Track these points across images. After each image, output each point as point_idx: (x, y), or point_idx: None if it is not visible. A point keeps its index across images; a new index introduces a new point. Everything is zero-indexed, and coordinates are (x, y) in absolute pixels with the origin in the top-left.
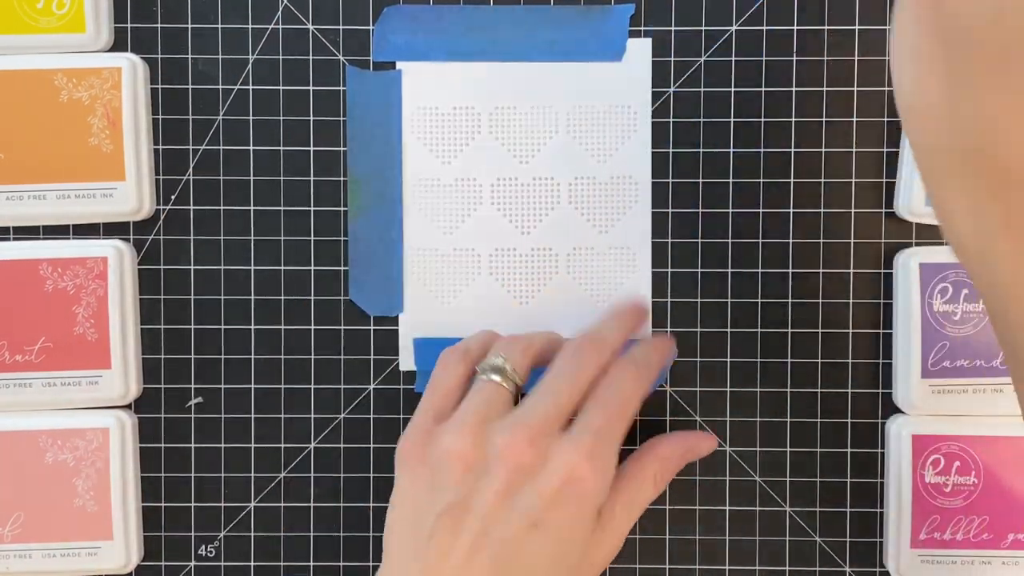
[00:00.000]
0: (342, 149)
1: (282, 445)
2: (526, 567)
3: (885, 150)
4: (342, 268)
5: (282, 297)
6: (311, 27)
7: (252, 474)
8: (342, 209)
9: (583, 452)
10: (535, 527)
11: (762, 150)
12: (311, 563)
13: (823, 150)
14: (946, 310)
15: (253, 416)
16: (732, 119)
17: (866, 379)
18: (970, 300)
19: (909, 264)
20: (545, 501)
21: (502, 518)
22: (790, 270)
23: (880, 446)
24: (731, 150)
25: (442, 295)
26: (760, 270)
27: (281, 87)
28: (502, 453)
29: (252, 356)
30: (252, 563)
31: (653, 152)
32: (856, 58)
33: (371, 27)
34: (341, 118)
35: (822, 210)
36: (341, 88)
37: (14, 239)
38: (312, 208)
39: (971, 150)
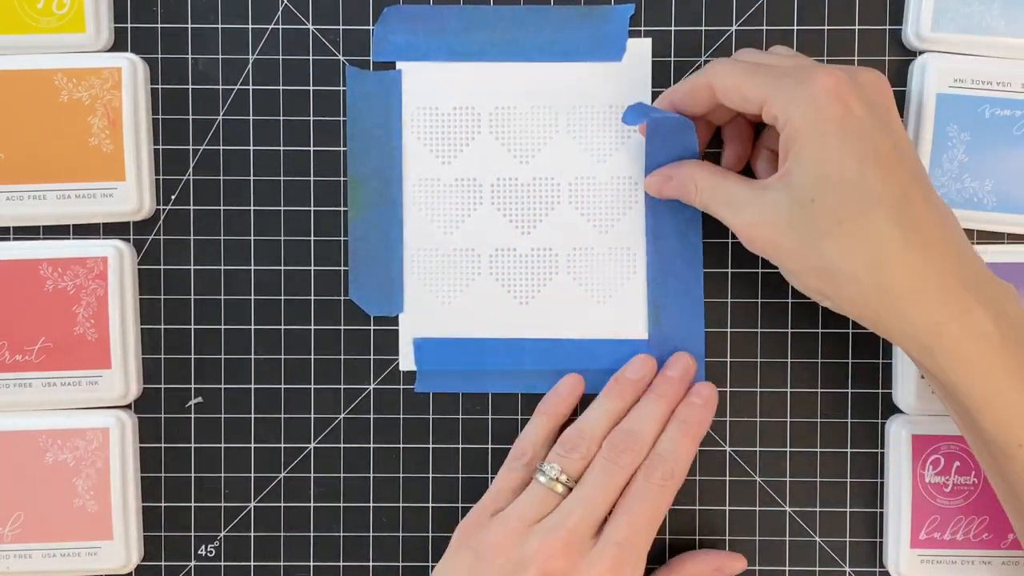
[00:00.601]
0: (342, 149)
1: (282, 445)
2: None
3: None
4: (342, 268)
5: (282, 297)
6: (311, 27)
7: (252, 474)
8: (342, 209)
9: (606, 567)
10: None
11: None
12: (311, 563)
13: None
14: None
15: (253, 416)
16: None
17: (866, 379)
18: None
19: None
20: None
21: None
22: None
23: (880, 446)
24: None
25: (442, 295)
26: (760, 270)
27: (281, 87)
28: (537, 555)
29: (252, 356)
30: (252, 563)
31: None
32: (856, 58)
33: (371, 27)
34: (341, 118)
35: None
36: (341, 88)
37: (14, 239)
38: (312, 208)
39: (818, 268)
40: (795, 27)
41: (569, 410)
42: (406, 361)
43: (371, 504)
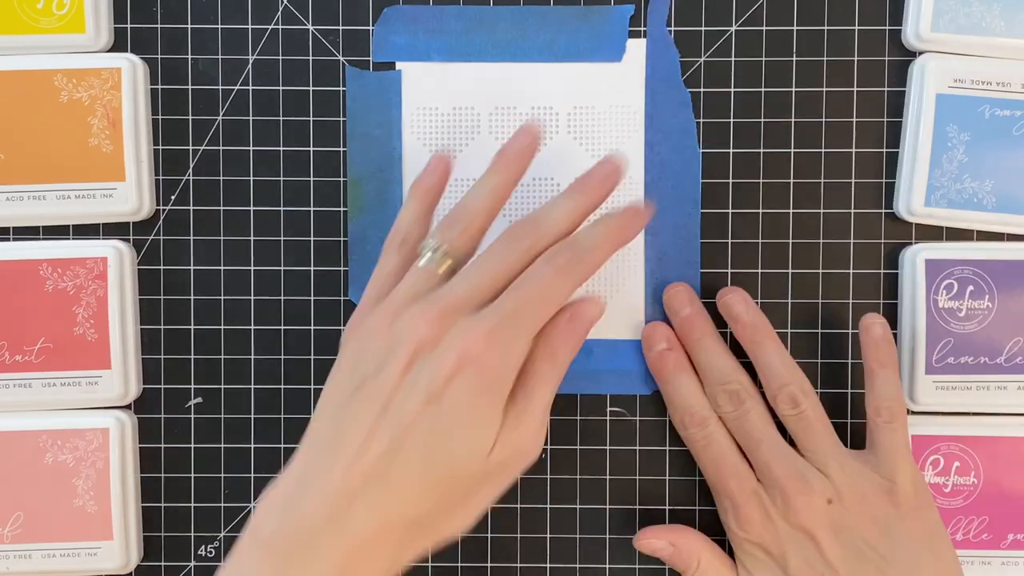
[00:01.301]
0: (342, 149)
1: (282, 445)
2: (423, 445)
3: (885, 150)
4: (342, 268)
5: (282, 297)
6: (311, 27)
7: (252, 474)
8: (342, 209)
9: (481, 331)
10: (431, 403)
11: (762, 150)
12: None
13: (823, 150)
14: (951, 306)
15: (253, 416)
16: (732, 119)
17: None
18: (975, 297)
19: (915, 260)
20: (441, 377)
21: (404, 391)
22: (790, 270)
23: None
24: (731, 150)
25: None
26: (760, 270)
27: (281, 87)
28: (405, 329)
29: (252, 356)
30: None
31: None
32: (856, 58)
33: (371, 27)
34: (341, 118)
35: (822, 210)
36: (341, 88)
37: (14, 239)
38: (312, 208)
39: None
40: (795, 27)
41: (443, 185)
42: None
43: None
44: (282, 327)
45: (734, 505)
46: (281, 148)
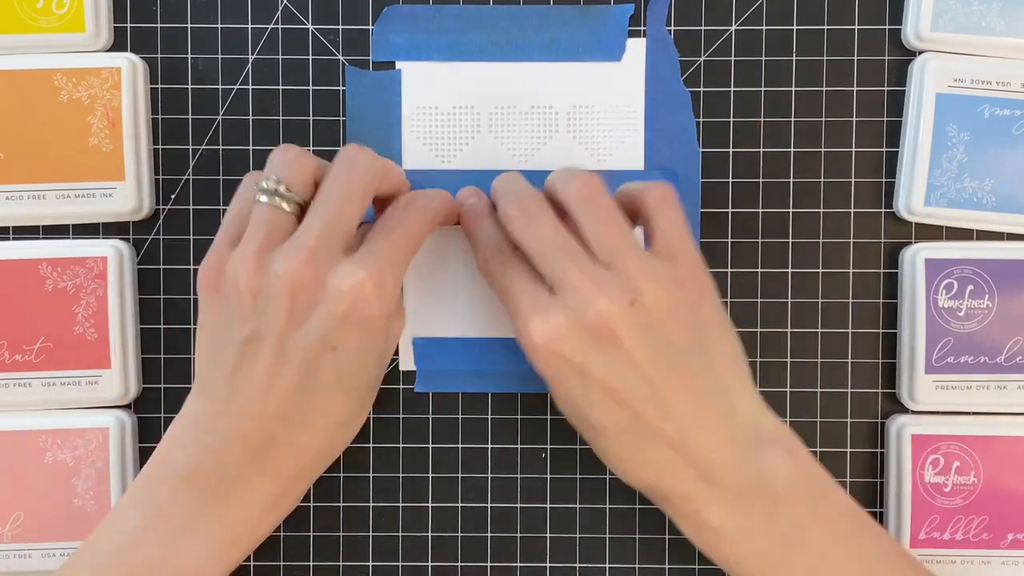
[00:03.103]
0: None
1: None
2: (326, 386)
3: (885, 150)
4: None
5: None
6: (311, 27)
7: None
8: None
9: (365, 276)
10: (330, 349)
11: (762, 150)
12: (310, 563)
13: (822, 150)
14: (951, 306)
15: None
16: (732, 119)
17: (866, 379)
18: (975, 296)
19: (915, 259)
20: (336, 323)
21: (298, 340)
22: (790, 270)
23: (880, 446)
24: (730, 150)
25: (442, 295)
26: (760, 270)
27: (281, 87)
28: (282, 277)
29: None
30: (252, 563)
31: None
32: (856, 58)
33: (371, 27)
34: (341, 118)
35: (822, 210)
36: (341, 88)
37: (14, 239)
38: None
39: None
40: (795, 27)
41: (368, 190)
42: (406, 361)
43: (371, 504)
44: None
45: (522, 316)
46: None
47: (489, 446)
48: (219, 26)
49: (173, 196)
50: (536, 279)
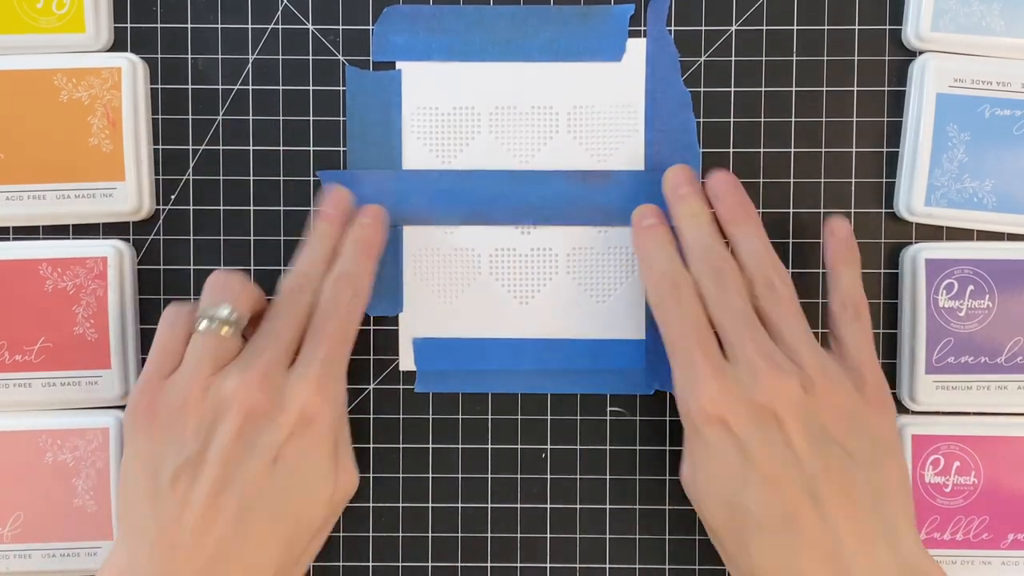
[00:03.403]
0: (342, 149)
1: None
2: (272, 503)
3: (885, 150)
4: None
5: None
6: (311, 27)
7: None
8: None
9: (311, 387)
10: (275, 462)
11: (762, 150)
12: (311, 563)
13: (823, 150)
14: (951, 306)
15: None
16: (732, 119)
17: None
18: (975, 297)
19: (915, 260)
20: (283, 437)
21: (242, 459)
22: (790, 270)
23: None
24: (731, 150)
25: (442, 295)
26: None
27: (281, 87)
28: (233, 398)
29: None
30: None
31: None
32: (856, 58)
33: (371, 27)
34: (341, 118)
35: (822, 210)
36: (341, 88)
37: (14, 239)
38: (312, 208)
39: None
40: (795, 27)
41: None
42: (406, 361)
43: (371, 504)
44: None
45: (697, 375)
46: (281, 148)
47: (489, 446)
48: (219, 26)
49: (173, 196)
50: (714, 337)
